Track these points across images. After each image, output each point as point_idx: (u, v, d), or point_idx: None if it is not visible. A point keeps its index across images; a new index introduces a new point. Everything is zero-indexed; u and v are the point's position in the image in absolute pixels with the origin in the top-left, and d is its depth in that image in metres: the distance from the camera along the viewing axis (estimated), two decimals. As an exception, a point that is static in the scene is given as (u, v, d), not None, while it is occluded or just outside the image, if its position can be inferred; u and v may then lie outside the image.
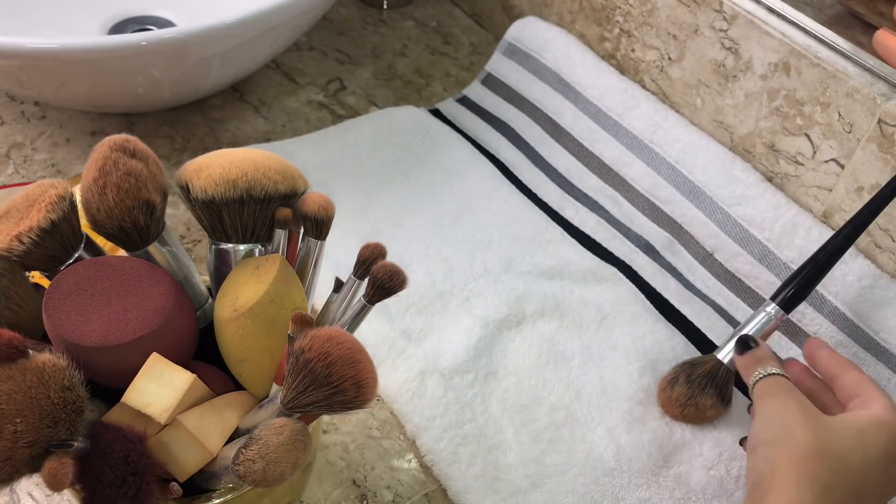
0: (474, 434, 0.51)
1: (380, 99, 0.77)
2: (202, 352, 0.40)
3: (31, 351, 0.32)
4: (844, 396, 0.47)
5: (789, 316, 0.57)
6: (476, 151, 0.71)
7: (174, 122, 0.71)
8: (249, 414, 0.38)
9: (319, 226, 0.41)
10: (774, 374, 0.47)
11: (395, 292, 0.39)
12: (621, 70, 0.71)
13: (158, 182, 0.39)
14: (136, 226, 0.38)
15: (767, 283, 0.58)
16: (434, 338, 0.56)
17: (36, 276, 0.39)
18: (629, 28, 0.68)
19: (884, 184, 0.53)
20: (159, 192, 0.39)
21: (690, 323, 0.59)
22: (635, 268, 0.63)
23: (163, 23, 0.76)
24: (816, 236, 0.56)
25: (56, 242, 0.37)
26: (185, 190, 0.40)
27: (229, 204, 0.39)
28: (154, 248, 0.39)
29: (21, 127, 0.70)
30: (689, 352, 0.57)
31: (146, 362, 0.36)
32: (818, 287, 0.56)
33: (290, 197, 0.41)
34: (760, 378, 0.47)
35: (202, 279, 0.43)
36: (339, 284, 0.41)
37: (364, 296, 0.40)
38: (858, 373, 0.47)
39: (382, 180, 0.67)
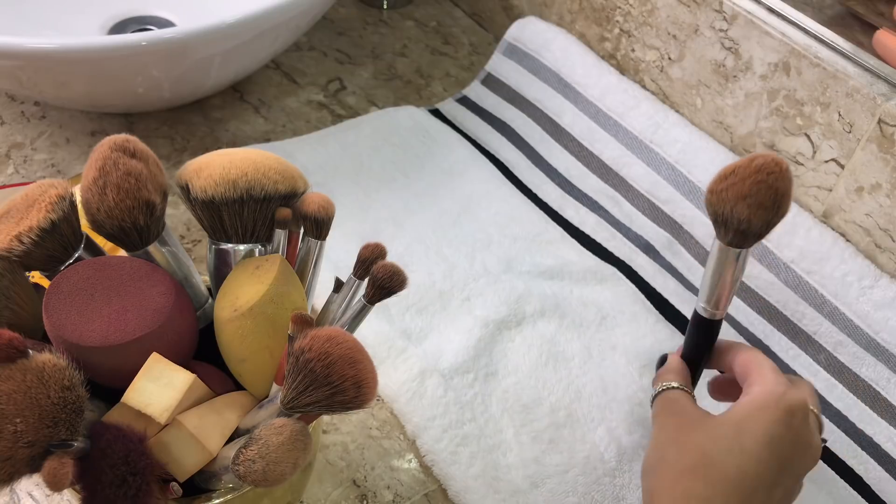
0: (474, 434, 0.51)
1: (380, 99, 0.77)
2: (202, 352, 0.40)
3: (31, 351, 0.32)
4: (741, 382, 0.44)
5: (789, 316, 0.57)
6: (476, 151, 0.71)
7: (174, 122, 0.71)
8: (249, 414, 0.38)
9: (319, 226, 0.41)
10: (667, 388, 0.45)
11: (395, 292, 0.39)
12: (621, 70, 0.71)
13: (158, 182, 0.39)
14: (136, 226, 0.38)
15: (767, 282, 0.58)
16: (434, 338, 0.56)
17: (36, 276, 0.39)
18: (629, 28, 0.68)
19: (883, 183, 0.53)
20: (159, 192, 0.39)
21: (690, 323, 0.59)
22: (635, 268, 0.63)
23: (163, 23, 0.76)
24: (816, 236, 0.56)
25: (56, 242, 0.37)
26: (185, 190, 0.40)
27: (229, 204, 0.39)
28: (154, 248, 0.39)
29: (21, 127, 0.70)
30: (689, 352, 0.57)
31: (146, 362, 0.36)
32: (818, 287, 0.56)
33: (290, 197, 0.41)
34: (654, 396, 0.45)
35: (202, 279, 0.43)
36: (339, 284, 0.41)
37: (364, 296, 0.40)
38: (748, 352, 0.44)
39: (382, 180, 0.67)
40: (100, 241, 0.40)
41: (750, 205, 0.40)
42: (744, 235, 0.41)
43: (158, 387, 0.35)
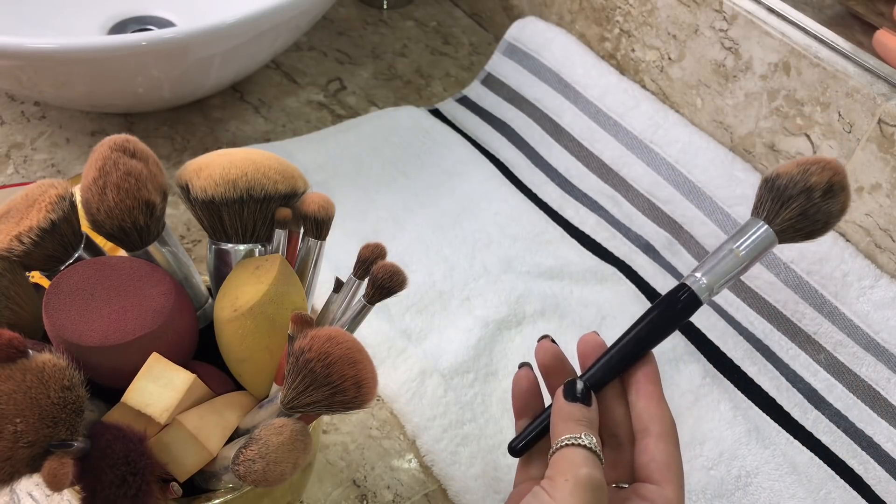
0: (474, 434, 0.51)
1: (380, 99, 0.77)
2: (202, 352, 0.40)
3: (31, 351, 0.32)
4: (645, 468, 0.37)
5: (789, 316, 0.57)
6: (476, 151, 0.71)
7: (174, 122, 0.71)
8: (249, 414, 0.38)
9: (319, 226, 0.41)
10: (589, 448, 0.35)
11: (395, 292, 0.39)
12: (621, 70, 0.71)
13: (158, 182, 0.39)
14: (136, 226, 0.38)
15: (767, 283, 0.58)
16: (434, 338, 0.56)
17: (36, 276, 0.39)
18: (629, 28, 0.68)
19: (883, 183, 0.53)
20: (159, 192, 0.39)
21: (690, 323, 0.59)
22: (635, 268, 0.63)
23: (163, 23, 0.76)
24: (816, 236, 0.56)
25: (56, 242, 0.37)
26: (185, 190, 0.40)
27: (229, 204, 0.39)
28: (154, 248, 0.39)
29: (21, 127, 0.70)
30: (688, 351, 0.57)
31: (146, 362, 0.36)
32: (818, 287, 0.56)
33: (290, 197, 0.41)
34: (567, 445, 0.35)
35: (202, 279, 0.43)
36: (339, 284, 0.41)
37: (364, 296, 0.40)
38: (674, 444, 0.37)
39: (382, 180, 0.67)
40: (100, 241, 0.40)
41: (844, 197, 0.38)
42: (806, 230, 0.38)
43: (158, 387, 0.35)
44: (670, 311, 0.39)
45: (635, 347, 0.39)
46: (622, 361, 0.39)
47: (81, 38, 0.57)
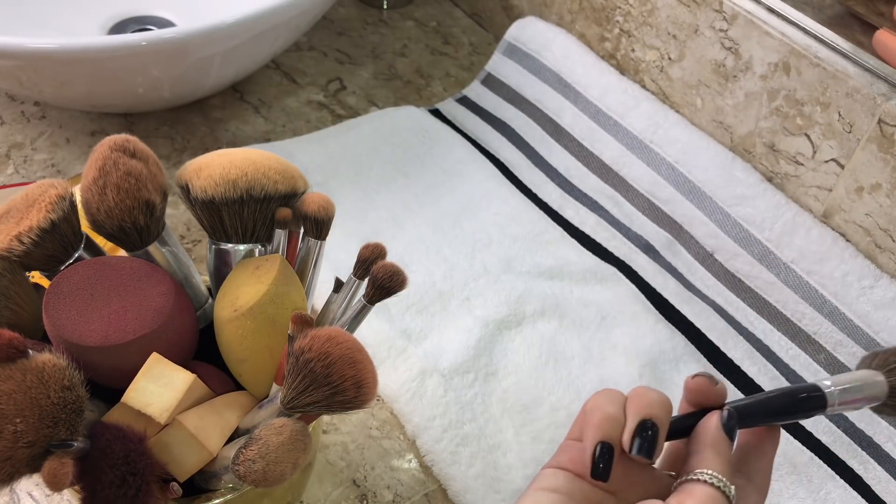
0: (474, 434, 0.51)
1: (380, 99, 0.77)
2: (202, 352, 0.40)
3: (31, 351, 0.32)
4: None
5: (789, 316, 0.57)
6: (476, 152, 0.71)
7: (174, 122, 0.71)
8: (249, 414, 0.38)
9: (319, 226, 0.41)
10: (731, 502, 0.32)
11: (395, 292, 0.39)
12: (621, 70, 0.71)
13: (158, 182, 0.39)
14: (136, 226, 0.38)
15: (767, 283, 0.58)
16: (434, 338, 0.56)
17: (36, 276, 0.39)
18: (629, 28, 0.68)
19: (883, 183, 0.53)
20: (159, 192, 0.39)
21: (690, 323, 0.59)
22: (635, 268, 0.63)
23: (163, 23, 0.76)
24: (816, 236, 0.56)
25: (56, 242, 0.37)
26: (185, 190, 0.40)
27: (229, 204, 0.39)
28: (154, 248, 0.39)
29: (21, 127, 0.70)
30: (688, 351, 0.57)
31: (146, 362, 0.36)
32: (818, 287, 0.56)
33: (290, 197, 0.41)
34: (710, 484, 0.32)
35: (202, 279, 0.43)
36: (339, 284, 0.41)
37: (364, 296, 0.40)
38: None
39: (382, 180, 0.67)
40: (100, 241, 0.40)
41: None
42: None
43: (158, 387, 0.35)
44: (803, 404, 0.35)
45: (767, 416, 0.36)
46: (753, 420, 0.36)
47: (82, 38, 0.57)
